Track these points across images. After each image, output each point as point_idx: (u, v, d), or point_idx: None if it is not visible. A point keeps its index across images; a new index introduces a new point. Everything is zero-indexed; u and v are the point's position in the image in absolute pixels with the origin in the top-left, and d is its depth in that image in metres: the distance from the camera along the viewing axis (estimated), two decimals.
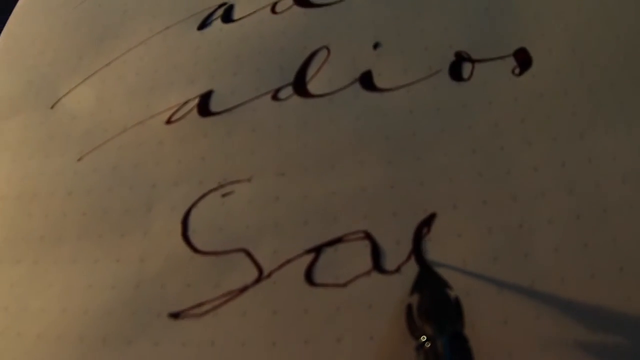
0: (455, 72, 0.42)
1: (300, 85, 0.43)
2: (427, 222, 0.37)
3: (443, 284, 0.34)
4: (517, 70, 0.42)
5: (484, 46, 0.43)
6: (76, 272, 0.38)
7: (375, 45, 0.44)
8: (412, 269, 0.36)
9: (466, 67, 0.43)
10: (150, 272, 0.37)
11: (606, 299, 0.34)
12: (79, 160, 0.42)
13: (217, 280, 0.37)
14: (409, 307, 0.34)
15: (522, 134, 0.40)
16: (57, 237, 0.39)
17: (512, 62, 0.43)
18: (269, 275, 0.37)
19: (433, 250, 0.36)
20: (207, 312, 0.36)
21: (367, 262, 0.36)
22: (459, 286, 0.35)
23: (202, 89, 0.44)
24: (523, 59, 0.43)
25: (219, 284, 0.37)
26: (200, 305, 0.36)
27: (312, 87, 0.43)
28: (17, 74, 0.49)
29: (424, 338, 0.31)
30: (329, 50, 0.44)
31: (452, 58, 0.43)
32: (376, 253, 0.37)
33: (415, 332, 0.33)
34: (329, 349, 0.34)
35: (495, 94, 0.41)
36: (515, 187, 0.38)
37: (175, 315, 0.36)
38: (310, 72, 0.43)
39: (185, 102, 0.43)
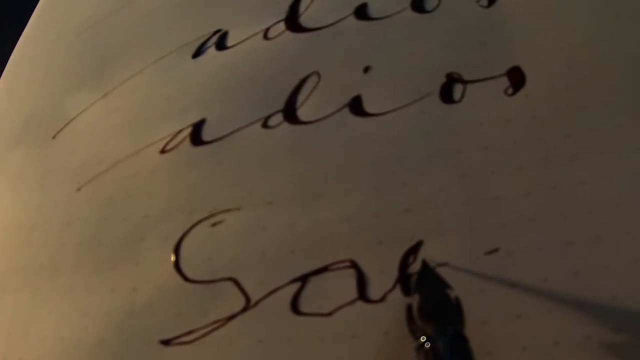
0: (446, 94, 0.42)
1: (290, 112, 0.43)
2: (414, 250, 0.37)
3: (443, 284, 0.34)
4: (509, 90, 0.42)
5: (476, 66, 0.43)
6: (72, 301, 0.39)
7: (366, 70, 0.44)
8: (398, 298, 0.36)
9: (457, 89, 0.42)
10: (142, 301, 0.38)
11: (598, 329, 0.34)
12: (77, 190, 0.43)
13: (206, 309, 0.37)
14: (409, 307, 0.34)
15: (514, 157, 0.39)
16: (55, 267, 0.41)
17: (505, 82, 0.42)
18: (256, 304, 0.37)
19: None
20: (196, 339, 0.36)
21: (352, 291, 0.36)
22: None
23: (195, 118, 0.44)
24: (516, 79, 0.42)
25: (207, 313, 0.37)
26: (189, 333, 0.36)
27: (302, 113, 0.43)
28: (19, 106, 0.50)
29: (424, 338, 0.31)
30: (319, 75, 0.45)
31: (443, 80, 0.43)
32: (361, 282, 0.36)
33: (415, 332, 0.32)
34: None
35: (486, 116, 0.41)
36: (504, 214, 0.38)
37: (165, 343, 0.36)
38: (301, 98, 0.44)
39: (179, 132, 0.44)
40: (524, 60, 0.43)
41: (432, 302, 0.33)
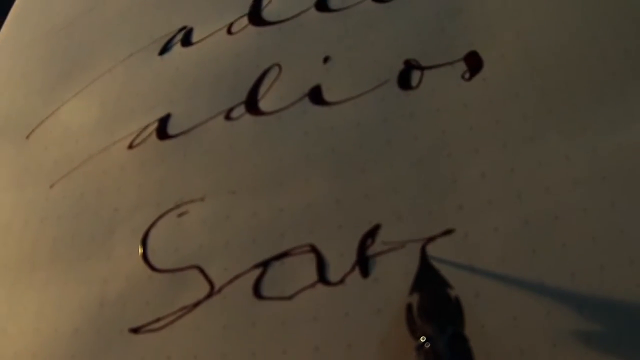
0: (404, 81, 0.43)
1: (252, 104, 0.44)
2: (371, 233, 0.38)
3: (443, 284, 0.34)
4: (467, 75, 0.42)
5: (435, 52, 0.44)
6: (48, 295, 0.40)
7: (325, 60, 0.45)
8: (356, 280, 0.37)
9: (415, 75, 0.43)
10: (113, 292, 0.39)
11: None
12: (51, 187, 0.44)
13: (173, 297, 0.38)
14: (409, 307, 0.34)
15: (470, 141, 0.40)
16: (31, 263, 0.42)
17: (462, 67, 0.43)
18: (220, 290, 0.38)
19: (378, 261, 0.37)
20: (164, 326, 0.38)
21: (312, 274, 0.37)
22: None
23: (161, 113, 0.46)
24: (473, 63, 0.43)
25: (174, 301, 0.38)
26: (157, 320, 0.38)
27: (264, 104, 0.44)
28: None
29: (424, 338, 0.31)
30: (280, 67, 0.46)
31: (401, 67, 0.43)
32: (321, 265, 0.38)
33: (415, 332, 0.32)
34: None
35: (443, 101, 0.42)
36: (461, 196, 0.38)
37: (135, 331, 0.38)
38: (262, 90, 0.45)
39: (146, 127, 0.45)
40: (481, 45, 0.43)
41: (432, 302, 0.33)
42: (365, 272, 0.37)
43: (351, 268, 0.37)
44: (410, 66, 0.43)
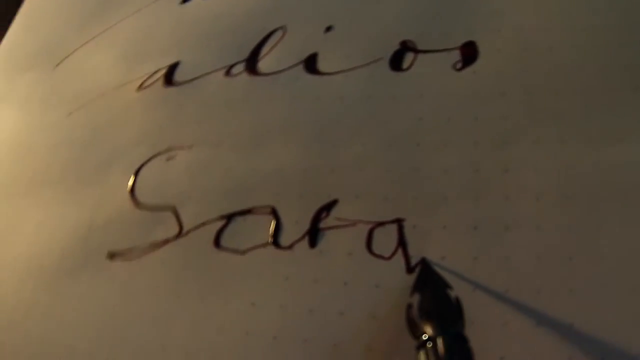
0: (396, 62, 0.43)
1: (251, 63, 0.46)
2: (328, 207, 0.40)
3: (443, 284, 0.35)
4: (459, 65, 0.42)
5: (433, 37, 0.43)
6: (49, 212, 0.45)
7: (328, 29, 0.46)
8: (303, 249, 0.39)
9: (408, 57, 0.43)
10: (101, 218, 0.44)
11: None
12: (68, 115, 0.49)
13: (147, 232, 0.42)
14: (410, 307, 0.34)
15: (443, 133, 0.40)
16: (41, 182, 0.47)
17: (456, 56, 0.42)
18: (187, 233, 0.41)
19: (327, 235, 0.39)
20: (135, 257, 0.42)
21: (266, 235, 0.40)
22: None
23: (172, 60, 0.49)
24: (468, 54, 0.42)
25: (148, 235, 0.42)
26: (131, 250, 0.42)
27: (263, 65, 0.46)
28: (33, 36, 0.57)
29: (424, 337, 0.31)
30: (285, 30, 0.47)
31: (396, 47, 0.43)
32: (277, 229, 0.40)
33: (415, 332, 0.33)
34: (216, 307, 0.38)
35: (428, 88, 0.42)
36: (419, 187, 0.39)
37: (111, 256, 0.42)
38: (264, 50, 0.46)
39: (156, 71, 0.48)
40: (480, 36, 0.42)
41: (432, 302, 0.34)
42: (313, 243, 0.39)
43: (301, 236, 0.39)
44: (405, 47, 0.43)
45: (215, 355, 0.37)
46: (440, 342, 0.31)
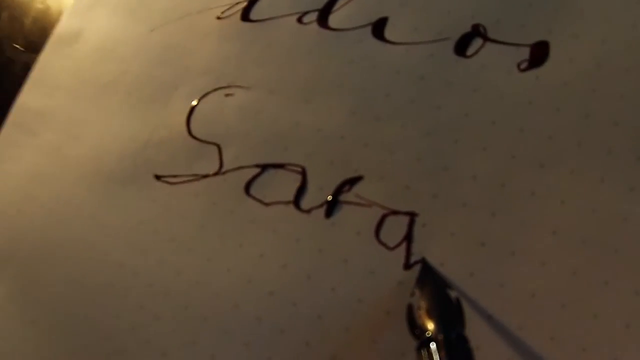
0: (462, 46, 0.40)
1: (323, 15, 0.45)
2: (352, 181, 0.39)
3: (444, 284, 0.35)
4: (524, 65, 0.39)
5: (507, 27, 0.40)
6: (113, 121, 0.47)
7: None
8: (319, 217, 0.39)
9: (475, 44, 0.40)
10: (157, 137, 0.46)
11: None
12: (151, 31, 0.50)
13: (192, 163, 0.44)
14: (410, 307, 0.35)
15: (485, 136, 0.38)
16: (114, 89, 0.49)
17: (525, 54, 0.39)
18: (224, 173, 0.43)
19: (344, 209, 0.39)
20: (176, 183, 0.44)
21: (291, 194, 0.40)
22: None
23: None
24: (537, 55, 0.38)
25: (192, 166, 0.44)
26: (175, 176, 0.44)
27: (333, 19, 0.45)
28: None
29: (429, 333, 0.32)
30: None
31: (467, 29, 0.40)
32: (301, 190, 0.40)
33: (416, 332, 0.34)
34: (230, 249, 0.40)
35: (485, 83, 0.39)
36: (442, 187, 0.37)
37: (157, 177, 0.45)
38: (339, 4, 0.45)
39: (236, 3, 0.48)
40: (555, 37, 0.38)
41: (432, 302, 0.34)
42: (329, 213, 0.39)
43: (320, 204, 0.39)
44: (476, 32, 0.40)
45: (219, 293, 0.39)
46: (440, 342, 0.31)
